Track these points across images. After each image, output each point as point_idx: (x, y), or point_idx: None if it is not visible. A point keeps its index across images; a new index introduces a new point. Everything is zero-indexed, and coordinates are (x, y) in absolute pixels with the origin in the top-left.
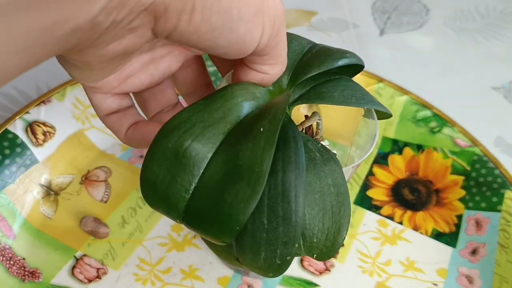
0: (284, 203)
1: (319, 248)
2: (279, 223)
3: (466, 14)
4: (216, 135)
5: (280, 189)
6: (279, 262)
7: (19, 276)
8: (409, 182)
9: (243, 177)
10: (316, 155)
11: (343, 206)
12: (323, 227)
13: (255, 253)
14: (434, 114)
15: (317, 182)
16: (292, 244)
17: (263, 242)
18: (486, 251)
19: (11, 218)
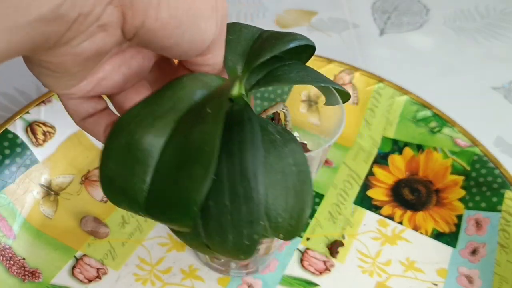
0: (244, 183)
1: (284, 227)
2: (241, 203)
3: (466, 14)
4: (167, 124)
5: (238, 169)
6: (247, 243)
7: (19, 276)
8: (409, 182)
9: (194, 159)
10: (277, 137)
11: (305, 184)
12: (286, 206)
13: (223, 236)
14: (434, 114)
15: (278, 162)
16: (257, 222)
17: (229, 225)
18: (486, 251)
19: (11, 218)
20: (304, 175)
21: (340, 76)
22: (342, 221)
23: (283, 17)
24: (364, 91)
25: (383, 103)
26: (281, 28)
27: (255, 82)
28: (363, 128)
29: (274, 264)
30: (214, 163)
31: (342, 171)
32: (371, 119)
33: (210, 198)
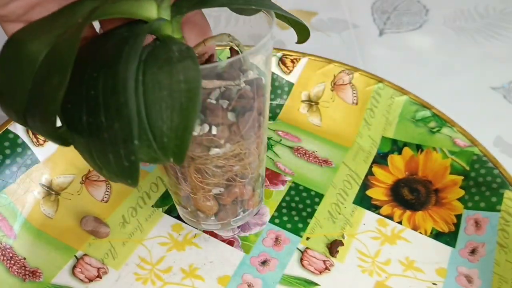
0: (116, 96)
1: (171, 148)
2: (114, 119)
3: (465, 14)
4: (50, 38)
5: (111, 83)
6: (127, 164)
7: (20, 276)
8: (409, 182)
9: (56, 67)
10: (175, 55)
11: (192, 102)
12: (171, 124)
13: (106, 156)
14: (434, 114)
15: (168, 79)
16: (130, 141)
17: (107, 143)
18: (485, 250)
19: (11, 218)
20: (193, 93)
21: (340, 76)
22: (341, 220)
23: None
24: (364, 91)
25: (382, 103)
26: (280, 28)
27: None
28: (363, 128)
29: (273, 264)
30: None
31: (341, 171)
32: (371, 119)
33: (89, 114)
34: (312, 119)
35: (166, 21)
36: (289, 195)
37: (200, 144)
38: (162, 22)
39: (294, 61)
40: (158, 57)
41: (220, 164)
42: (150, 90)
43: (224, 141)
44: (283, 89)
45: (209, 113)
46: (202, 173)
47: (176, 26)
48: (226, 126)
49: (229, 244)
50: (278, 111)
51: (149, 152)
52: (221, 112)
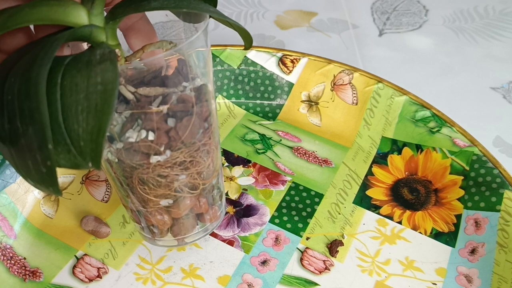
0: (28, 101)
1: (88, 153)
2: (28, 124)
3: (465, 15)
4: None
5: (24, 87)
6: (44, 170)
7: (20, 276)
8: (408, 182)
9: None
10: (96, 58)
11: (107, 103)
12: (87, 127)
13: (25, 163)
14: (433, 114)
15: (85, 81)
16: (45, 146)
17: (25, 149)
18: (485, 250)
19: (12, 218)
20: (109, 94)
21: (340, 77)
22: (341, 220)
23: (283, 18)
24: (364, 91)
25: (382, 103)
26: (281, 29)
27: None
28: (362, 128)
29: (273, 263)
30: None
31: (341, 171)
32: (370, 119)
33: (8, 121)
34: (312, 119)
35: (98, 28)
36: (289, 195)
37: (138, 151)
38: (94, 29)
39: (294, 61)
40: (79, 61)
41: (164, 173)
42: (67, 93)
43: (163, 148)
44: (283, 89)
45: (145, 118)
46: (146, 183)
47: (111, 33)
48: (163, 132)
49: (229, 244)
50: (278, 111)
51: (69, 157)
52: (156, 117)
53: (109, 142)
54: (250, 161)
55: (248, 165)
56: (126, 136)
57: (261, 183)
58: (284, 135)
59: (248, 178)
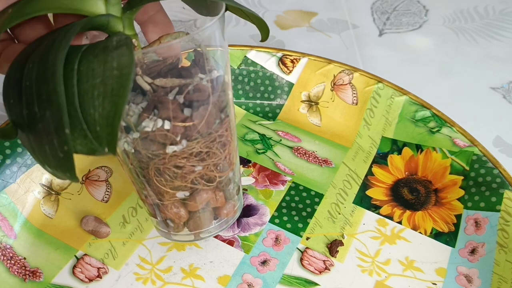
0: (45, 84)
1: (104, 137)
2: (45, 107)
3: (465, 15)
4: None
5: (41, 71)
6: (61, 155)
7: (20, 276)
8: (408, 182)
9: None
10: (112, 44)
11: (122, 87)
12: (103, 111)
13: (43, 148)
14: (433, 114)
15: (101, 67)
16: (62, 129)
17: (42, 134)
18: (485, 250)
19: (12, 218)
20: (124, 78)
21: (340, 77)
22: (341, 220)
23: (283, 18)
24: (364, 91)
25: (382, 103)
26: (281, 29)
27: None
28: (362, 128)
29: (273, 263)
30: None
31: (341, 171)
32: (370, 119)
33: (27, 106)
34: (312, 119)
35: (115, 17)
36: (289, 195)
37: (154, 140)
38: (111, 18)
39: (294, 61)
40: (95, 47)
41: (180, 164)
42: (83, 78)
43: (179, 138)
44: (283, 89)
45: (161, 107)
46: (163, 174)
47: (128, 23)
48: (179, 121)
49: (229, 244)
50: (278, 111)
51: (86, 143)
52: (172, 106)
53: (126, 132)
54: (250, 161)
55: (248, 165)
56: (143, 125)
57: (261, 183)
58: (284, 135)
59: (248, 178)
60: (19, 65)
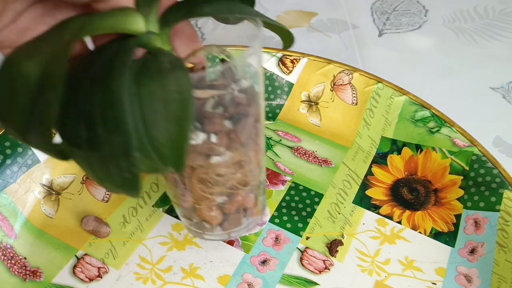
0: (114, 111)
1: (170, 158)
2: (112, 132)
3: (465, 15)
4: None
5: (106, 98)
6: (129, 176)
7: (20, 276)
8: (408, 182)
9: (48, 84)
10: (166, 66)
11: (186, 111)
12: (168, 134)
13: (106, 170)
14: (433, 114)
15: (161, 90)
16: (130, 153)
17: (107, 156)
18: (485, 250)
19: (12, 218)
20: (186, 102)
21: (340, 77)
22: (341, 220)
23: (283, 18)
24: (363, 91)
25: (382, 103)
26: None
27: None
28: (362, 128)
29: (273, 263)
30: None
31: (341, 171)
32: (370, 119)
33: (87, 129)
34: (311, 119)
35: (155, 34)
36: (289, 195)
37: (201, 153)
38: (151, 35)
39: (294, 61)
40: (149, 69)
41: (222, 172)
42: (145, 101)
43: (224, 149)
44: (283, 89)
45: (207, 121)
46: (204, 182)
47: (165, 39)
48: (224, 134)
49: (229, 243)
50: (278, 111)
51: (149, 163)
52: (218, 120)
53: None
54: None
55: None
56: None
57: None
58: (284, 135)
59: None
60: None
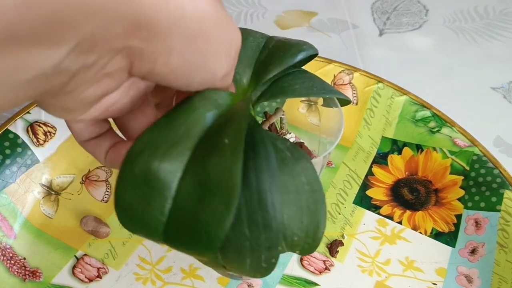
0: (263, 212)
1: (300, 245)
2: (260, 231)
3: (465, 15)
4: (182, 153)
5: (256, 198)
6: (265, 265)
7: (20, 276)
8: (409, 182)
9: (215, 193)
10: (287, 155)
11: (319, 204)
12: (302, 225)
13: (241, 261)
14: (434, 114)
15: (291, 181)
16: (275, 248)
17: (247, 251)
18: (485, 250)
19: (12, 218)
20: (318, 194)
21: (340, 76)
22: (341, 220)
23: (283, 18)
24: (364, 91)
25: (382, 103)
26: (280, 29)
27: (260, 93)
28: (363, 128)
29: None
30: (235, 199)
31: (341, 171)
32: (371, 119)
33: (233, 229)
34: (311, 119)
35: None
36: None
37: None
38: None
39: None
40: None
41: None
42: (278, 193)
43: None
44: None
45: None
46: None
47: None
48: None
49: None
50: None
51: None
52: None
53: None
54: None
55: None
56: None
57: None
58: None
59: None
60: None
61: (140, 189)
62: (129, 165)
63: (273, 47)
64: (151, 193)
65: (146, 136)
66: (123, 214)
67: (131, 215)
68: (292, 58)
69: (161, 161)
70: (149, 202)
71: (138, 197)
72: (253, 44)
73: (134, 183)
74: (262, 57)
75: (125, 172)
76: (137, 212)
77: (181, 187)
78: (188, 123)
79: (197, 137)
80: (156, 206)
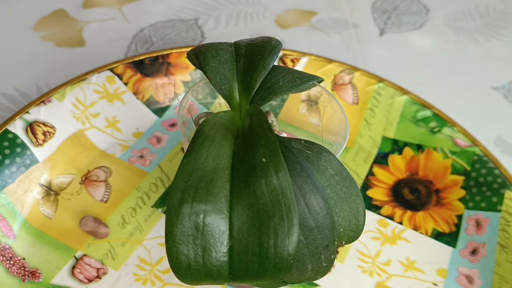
0: (312, 214)
1: (346, 235)
2: (315, 233)
3: (466, 14)
4: (222, 187)
5: (303, 203)
6: (325, 264)
7: (19, 276)
8: (409, 182)
9: (273, 214)
10: (308, 153)
11: (352, 189)
12: (343, 215)
13: (302, 268)
14: (434, 114)
15: (322, 177)
16: (332, 243)
17: (306, 257)
18: (486, 251)
19: (11, 218)
20: (348, 181)
21: (340, 76)
22: None
23: (283, 17)
24: (364, 91)
25: (383, 103)
26: (281, 28)
27: (250, 102)
28: (363, 128)
29: None
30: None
31: None
32: (371, 119)
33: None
34: (311, 119)
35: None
36: None
37: None
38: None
39: (294, 60)
40: (294, 161)
41: None
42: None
43: None
44: None
45: None
46: None
47: None
48: None
49: None
50: (278, 111)
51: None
52: None
53: None
54: None
55: None
56: None
57: None
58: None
59: None
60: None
61: (193, 240)
62: (175, 219)
63: (246, 52)
64: (207, 239)
65: (178, 183)
66: (182, 271)
67: (192, 269)
68: (271, 57)
69: (206, 203)
70: (207, 249)
71: (194, 248)
72: (226, 56)
73: (186, 236)
74: (241, 65)
75: (173, 228)
76: (198, 264)
77: (234, 221)
78: (213, 155)
79: (228, 167)
80: (216, 249)
